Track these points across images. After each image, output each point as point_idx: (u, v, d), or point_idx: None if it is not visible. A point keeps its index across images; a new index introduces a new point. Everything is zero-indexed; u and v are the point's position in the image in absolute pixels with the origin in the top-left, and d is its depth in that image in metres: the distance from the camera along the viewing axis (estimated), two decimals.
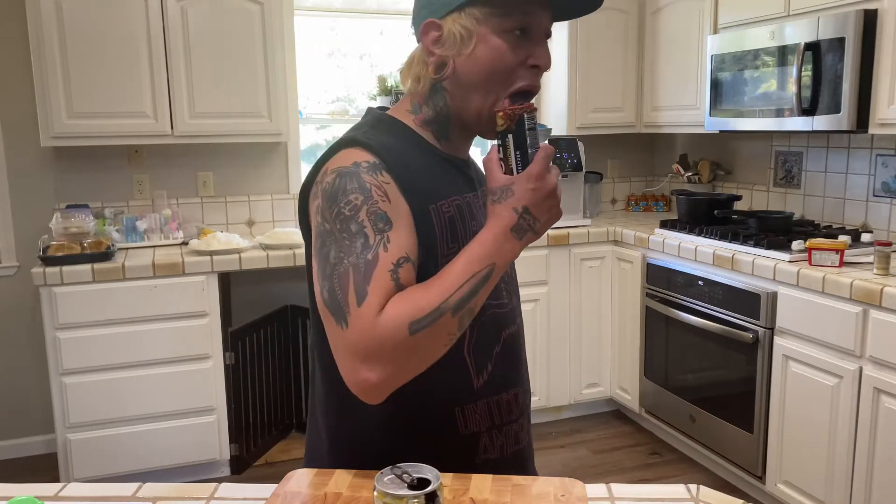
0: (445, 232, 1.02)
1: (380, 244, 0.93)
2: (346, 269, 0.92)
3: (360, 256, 0.92)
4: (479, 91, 1.02)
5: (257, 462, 3.21)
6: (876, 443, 2.24)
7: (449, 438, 1.04)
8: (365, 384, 0.90)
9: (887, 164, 2.83)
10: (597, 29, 3.60)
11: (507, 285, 1.13)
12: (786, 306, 2.51)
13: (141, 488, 1.02)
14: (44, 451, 3.33)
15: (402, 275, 0.93)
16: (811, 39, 2.57)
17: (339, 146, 1.01)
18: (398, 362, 0.89)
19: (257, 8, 3.07)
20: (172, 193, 3.39)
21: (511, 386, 1.11)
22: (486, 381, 1.07)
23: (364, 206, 0.94)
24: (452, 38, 1.00)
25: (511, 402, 1.11)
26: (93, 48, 2.89)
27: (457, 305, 0.90)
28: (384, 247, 0.93)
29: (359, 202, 0.94)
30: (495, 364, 1.08)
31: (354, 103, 3.82)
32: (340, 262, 0.93)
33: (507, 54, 1.00)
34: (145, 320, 2.83)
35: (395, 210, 0.96)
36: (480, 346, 1.07)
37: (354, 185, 0.95)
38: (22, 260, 3.22)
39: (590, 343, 3.52)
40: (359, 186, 0.95)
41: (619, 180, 4.18)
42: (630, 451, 3.30)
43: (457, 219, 1.04)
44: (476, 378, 1.06)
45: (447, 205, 1.03)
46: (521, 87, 1.02)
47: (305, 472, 1.00)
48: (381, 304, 0.90)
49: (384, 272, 0.91)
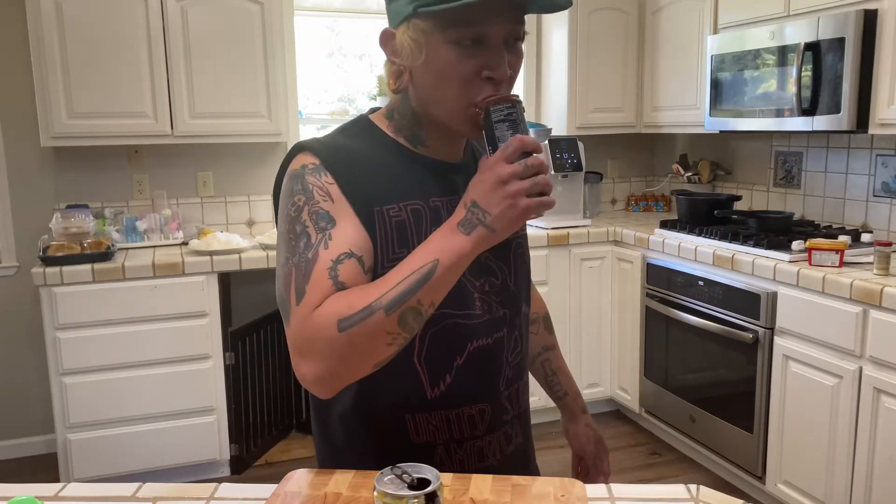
0: (390, 236, 0.99)
1: (320, 243, 0.94)
2: (290, 269, 0.95)
3: (302, 256, 0.94)
4: (438, 101, 0.99)
5: (257, 462, 3.21)
6: (876, 443, 2.24)
7: (400, 445, 1.04)
8: (303, 378, 0.93)
9: (887, 164, 2.83)
10: (597, 29, 3.60)
11: (485, 297, 1.08)
12: (786, 306, 2.51)
13: (141, 488, 1.02)
14: (44, 451, 3.33)
15: (343, 271, 0.93)
16: (811, 39, 2.57)
17: (294, 151, 1.04)
18: (332, 359, 0.90)
19: (257, 8, 3.07)
20: (172, 193, 3.39)
21: (477, 401, 1.07)
22: (442, 393, 1.04)
23: (306, 206, 0.96)
24: (404, 48, 0.98)
25: (475, 417, 1.07)
26: (93, 48, 2.89)
27: (391, 304, 0.88)
28: (325, 244, 0.94)
29: (301, 203, 0.97)
30: (456, 376, 1.05)
31: (354, 103, 3.82)
32: (286, 263, 0.96)
33: (457, 66, 0.95)
34: (145, 320, 2.83)
35: (339, 209, 0.97)
36: (435, 356, 1.03)
37: (299, 188, 0.98)
38: (22, 260, 3.22)
39: (590, 343, 3.52)
40: (302, 188, 0.98)
41: (619, 180, 4.18)
42: (630, 451, 3.30)
43: (408, 223, 1.01)
44: (430, 388, 1.04)
45: (397, 209, 1.00)
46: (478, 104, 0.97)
47: (305, 472, 1.00)
48: (318, 302, 0.91)
49: (323, 270, 0.92)
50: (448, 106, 0.98)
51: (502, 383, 1.10)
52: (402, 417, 1.04)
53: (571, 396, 1.39)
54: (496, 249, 1.09)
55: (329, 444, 1.12)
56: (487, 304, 1.08)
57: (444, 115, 1.00)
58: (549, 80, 3.79)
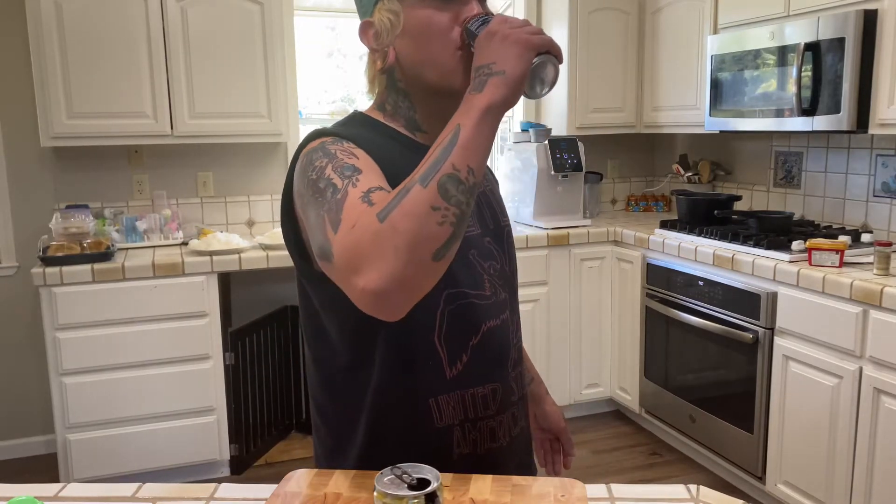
0: None
1: (347, 184, 0.91)
2: (322, 218, 0.90)
3: (331, 201, 0.90)
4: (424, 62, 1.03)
5: (257, 462, 3.21)
6: (876, 443, 2.24)
7: (425, 430, 1.05)
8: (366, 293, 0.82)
9: (887, 164, 2.83)
10: (597, 29, 3.60)
11: (492, 279, 1.11)
12: (786, 306, 2.51)
13: (141, 488, 1.02)
14: (44, 451, 3.33)
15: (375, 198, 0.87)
16: (811, 39, 2.57)
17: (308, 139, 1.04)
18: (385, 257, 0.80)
19: (257, 8, 3.07)
20: (172, 193, 3.39)
21: (488, 381, 1.09)
22: (459, 373, 1.06)
23: (329, 164, 0.95)
24: (384, 26, 1.03)
25: (488, 396, 1.09)
26: (93, 48, 2.89)
27: (424, 175, 0.83)
28: (353, 184, 0.91)
29: (323, 164, 0.95)
30: (471, 356, 1.07)
31: (354, 103, 3.82)
32: (319, 217, 0.91)
33: (434, 19, 1.01)
34: (145, 320, 2.83)
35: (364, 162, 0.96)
36: (453, 335, 1.05)
37: (319, 154, 0.97)
38: (22, 260, 3.22)
39: (590, 343, 3.52)
40: (323, 154, 0.97)
41: (619, 180, 4.18)
42: (630, 451, 3.30)
43: None
44: (448, 368, 1.05)
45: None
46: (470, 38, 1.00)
47: (305, 473, 1.00)
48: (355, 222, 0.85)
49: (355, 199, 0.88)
50: (436, 61, 1.02)
51: (510, 364, 1.13)
52: (427, 401, 1.04)
53: (536, 381, 1.40)
54: (494, 235, 1.14)
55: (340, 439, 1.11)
56: (493, 286, 1.11)
57: (435, 73, 1.03)
58: None
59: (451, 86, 1.02)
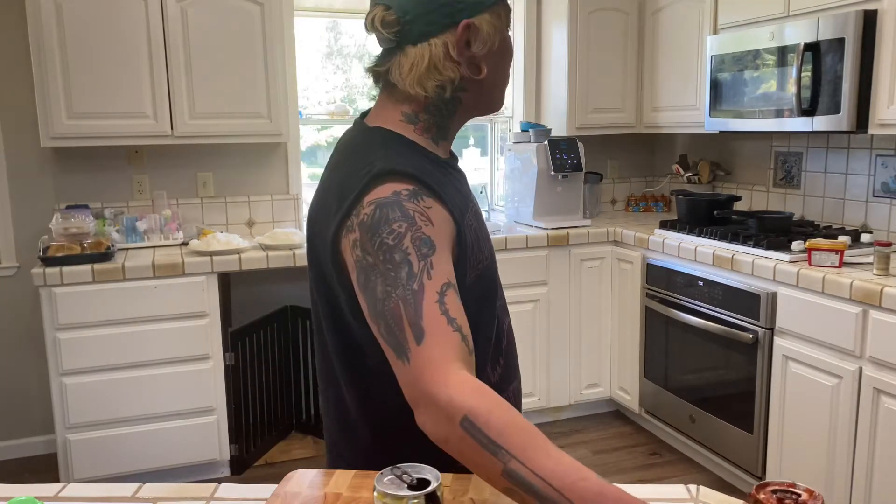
0: (474, 243, 1.03)
1: (423, 272, 0.91)
2: (395, 304, 0.90)
3: (407, 288, 0.90)
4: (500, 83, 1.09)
5: (257, 462, 3.21)
6: (876, 443, 2.24)
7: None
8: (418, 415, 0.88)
9: (887, 164, 2.83)
10: (597, 29, 3.60)
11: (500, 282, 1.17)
12: (786, 307, 2.51)
13: (141, 489, 1.02)
14: (44, 452, 3.33)
15: (449, 305, 0.90)
16: (811, 40, 2.58)
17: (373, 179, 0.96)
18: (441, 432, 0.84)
19: (257, 8, 3.07)
20: (172, 194, 3.39)
21: (515, 376, 1.16)
22: (500, 376, 1.10)
23: (408, 232, 0.92)
24: (486, 37, 1.02)
25: (517, 390, 1.16)
26: (93, 48, 2.89)
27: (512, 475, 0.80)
28: (427, 274, 0.91)
29: (402, 230, 0.92)
30: (505, 357, 1.12)
31: (354, 104, 3.83)
32: (388, 297, 0.90)
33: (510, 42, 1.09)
34: (145, 321, 2.83)
35: (439, 233, 0.95)
36: (497, 344, 1.10)
37: (397, 214, 0.93)
38: (22, 260, 3.22)
39: (590, 343, 3.52)
40: (402, 214, 0.93)
41: (619, 181, 4.18)
42: (630, 451, 3.30)
43: (478, 227, 1.06)
44: (492, 374, 1.09)
45: (470, 216, 1.04)
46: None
47: (305, 472, 1.00)
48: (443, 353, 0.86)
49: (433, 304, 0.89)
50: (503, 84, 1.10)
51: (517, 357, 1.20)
52: None
53: None
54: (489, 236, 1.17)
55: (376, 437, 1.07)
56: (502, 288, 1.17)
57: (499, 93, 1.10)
58: (549, 81, 3.79)
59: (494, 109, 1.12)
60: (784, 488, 0.87)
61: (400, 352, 0.89)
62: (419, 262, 0.91)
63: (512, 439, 0.80)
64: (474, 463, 0.83)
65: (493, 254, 1.12)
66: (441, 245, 0.94)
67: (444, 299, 0.90)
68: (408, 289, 0.89)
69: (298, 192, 3.56)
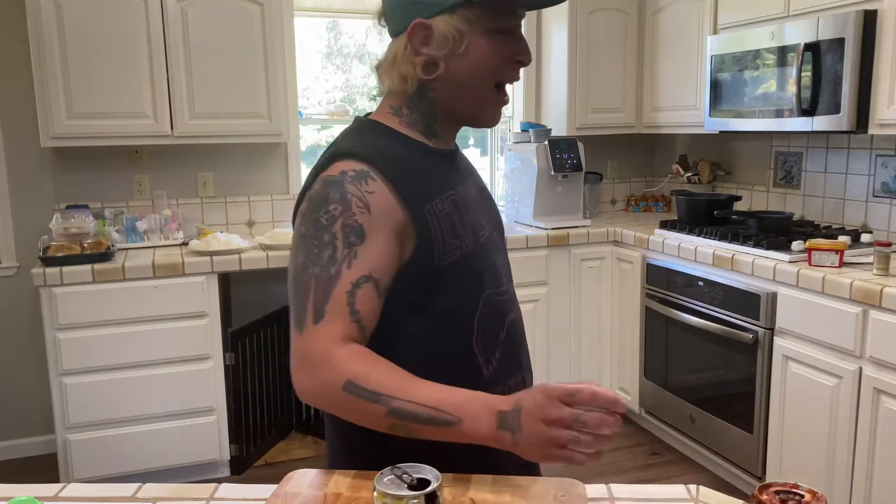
0: (444, 231, 1.03)
1: (344, 260, 0.96)
2: (309, 279, 0.96)
3: (325, 269, 0.96)
4: (469, 90, 1.04)
5: (257, 462, 3.21)
6: (876, 443, 2.24)
7: None
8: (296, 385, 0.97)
9: (887, 164, 2.83)
10: (597, 29, 3.60)
11: (505, 272, 1.15)
12: (785, 307, 2.51)
13: (141, 489, 1.02)
14: (44, 452, 3.33)
15: (360, 297, 0.96)
16: (811, 40, 2.57)
17: (331, 158, 1.02)
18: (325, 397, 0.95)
19: (257, 8, 3.07)
20: (172, 194, 3.39)
21: (517, 371, 1.14)
22: (494, 369, 1.09)
23: (341, 217, 0.96)
24: (444, 38, 1.01)
25: (519, 385, 1.12)
26: (93, 48, 2.89)
27: (396, 412, 0.92)
28: (348, 263, 0.96)
29: (337, 213, 0.97)
30: (502, 351, 1.10)
31: (354, 104, 3.83)
32: (305, 270, 0.97)
33: (497, 53, 1.03)
34: (145, 321, 2.83)
35: (376, 221, 0.97)
36: (487, 335, 1.09)
37: (336, 196, 0.97)
38: (22, 260, 3.22)
39: (590, 343, 3.52)
40: (340, 197, 0.97)
41: (619, 181, 4.18)
42: (630, 451, 3.30)
43: (454, 214, 1.05)
44: (485, 367, 1.08)
45: (442, 202, 1.04)
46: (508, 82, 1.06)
47: (305, 473, 1.00)
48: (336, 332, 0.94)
49: (342, 294, 0.95)
50: (480, 92, 1.05)
51: (524, 353, 1.18)
52: None
53: None
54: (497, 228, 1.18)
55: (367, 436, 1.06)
56: (506, 279, 1.16)
57: (473, 102, 1.06)
58: (549, 81, 3.79)
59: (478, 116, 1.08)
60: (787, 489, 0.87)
61: (298, 322, 0.97)
62: (343, 249, 0.96)
63: (390, 386, 0.93)
64: (358, 412, 0.94)
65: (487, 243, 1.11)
66: (374, 234, 0.97)
67: (356, 291, 0.96)
68: (325, 270, 0.96)
69: (298, 192, 3.56)
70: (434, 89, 1.05)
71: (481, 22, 1.00)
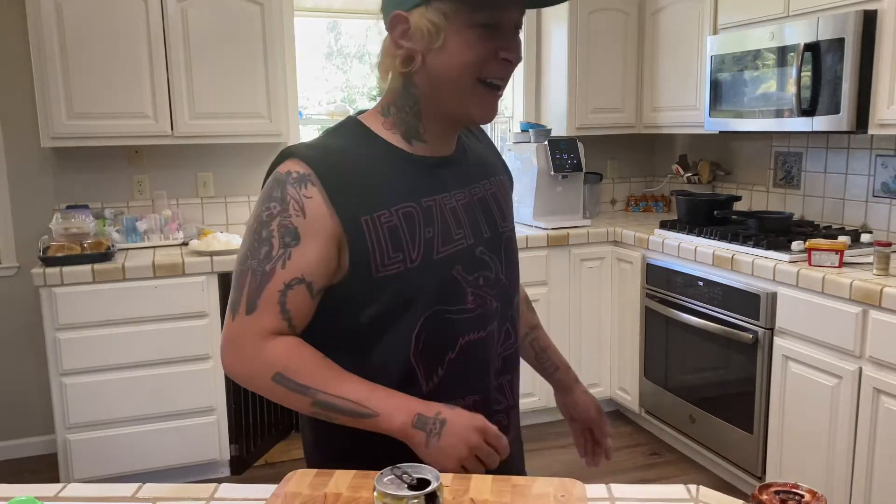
0: (382, 243, 1.01)
1: (279, 259, 1.00)
2: (246, 270, 1.02)
3: (261, 264, 1.00)
4: (449, 85, 1.02)
5: (257, 462, 3.21)
6: (876, 443, 2.24)
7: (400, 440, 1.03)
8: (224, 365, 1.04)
9: (887, 164, 2.83)
10: (597, 29, 3.60)
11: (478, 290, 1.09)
12: (785, 307, 2.51)
13: (141, 489, 1.02)
14: (44, 452, 3.33)
15: (291, 298, 1.00)
16: (811, 40, 2.57)
17: (283, 156, 1.05)
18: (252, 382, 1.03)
19: (257, 8, 3.07)
20: (172, 194, 3.39)
21: (469, 393, 1.10)
22: (435, 386, 1.07)
23: (278, 217, 1.00)
24: (420, 32, 0.99)
25: (468, 408, 1.05)
26: (93, 48, 2.89)
27: (320, 403, 1.00)
28: (283, 263, 0.99)
29: (275, 211, 1.00)
30: (448, 370, 1.07)
31: (354, 104, 3.83)
32: (245, 261, 1.02)
33: (477, 48, 0.99)
34: (145, 321, 2.83)
35: (310, 226, 1.00)
36: (429, 350, 1.06)
37: (277, 195, 1.01)
38: (22, 260, 3.22)
39: (590, 343, 3.52)
40: (280, 196, 1.01)
41: (619, 181, 4.18)
42: (630, 451, 3.30)
43: (401, 227, 1.02)
44: (424, 382, 1.07)
45: (389, 214, 1.02)
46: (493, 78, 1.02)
47: (305, 473, 1.00)
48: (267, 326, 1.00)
49: (274, 292, 1.00)
50: (461, 87, 1.01)
51: (492, 375, 1.13)
52: None
53: (563, 370, 1.39)
54: (490, 243, 1.12)
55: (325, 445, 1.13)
56: (481, 297, 1.10)
57: (455, 98, 1.03)
58: (549, 81, 3.79)
59: (464, 112, 1.05)
60: (787, 489, 0.87)
61: (232, 308, 1.03)
62: (279, 249, 1.00)
63: (317, 379, 1.00)
64: (284, 400, 1.02)
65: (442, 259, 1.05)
66: (309, 238, 1.00)
67: (287, 292, 1.00)
68: (261, 266, 1.00)
69: None
70: (417, 85, 1.04)
71: (459, 16, 0.98)
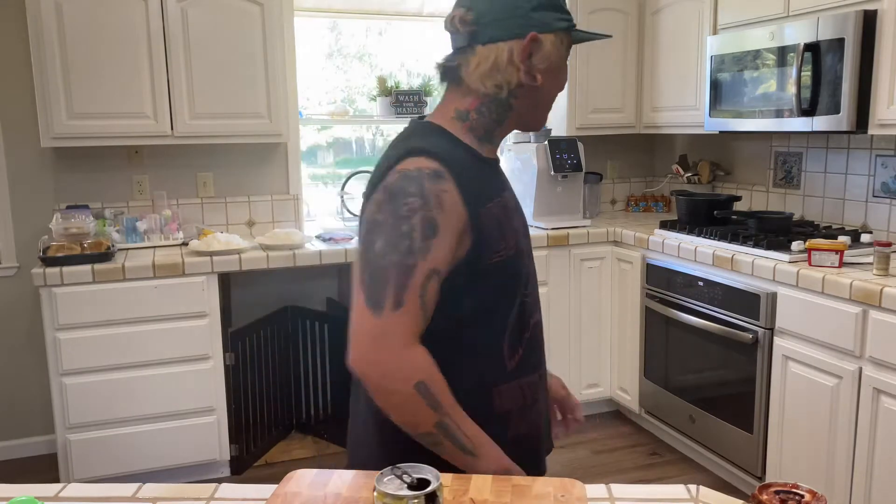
0: (495, 231, 1.12)
1: (421, 252, 1.03)
2: (389, 265, 1.02)
3: (405, 258, 1.02)
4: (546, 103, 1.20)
5: (257, 462, 3.21)
6: (875, 443, 2.24)
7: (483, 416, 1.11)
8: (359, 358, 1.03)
9: (887, 164, 2.83)
10: (597, 29, 3.59)
11: (533, 276, 1.25)
12: (785, 307, 2.51)
13: (141, 489, 1.02)
14: (44, 452, 3.33)
15: (429, 290, 1.04)
16: (811, 40, 2.58)
17: (406, 154, 1.09)
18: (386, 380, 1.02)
19: (257, 9, 3.07)
20: (172, 194, 3.39)
21: (536, 369, 1.22)
22: (517, 364, 1.17)
23: (420, 210, 1.03)
24: (547, 55, 1.14)
25: (536, 384, 1.21)
26: (93, 48, 2.89)
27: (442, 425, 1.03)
28: (424, 256, 1.03)
29: (416, 206, 1.04)
30: (525, 348, 1.19)
31: (354, 104, 3.82)
32: (385, 256, 1.03)
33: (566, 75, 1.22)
34: (145, 321, 2.83)
35: (447, 219, 1.05)
36: (514, 332, 1.17)
37: (415, 190, 1.05)
38: (22, 260, 3.22)
39: (590, 343, 3.52)
40: (419, 192, 1.04)
41: (619, 181, 4.18)
42: (630, 451, 3.30)
43: (501, 218, 1.14)
44: (509, 360, 1.16)
45: (493, 206, 1.13)
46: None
47: (305, 473, 1.00)
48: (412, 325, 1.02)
49: (417, 286, 1.03)
50: (549, 106, 1.21)
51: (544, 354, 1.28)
52: (490, 389, 1.15)
53: None
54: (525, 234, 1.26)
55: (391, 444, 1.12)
56: (533, 282, 1.25)
57: (545, 113, 1.21)
58: None
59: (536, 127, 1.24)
60: (787, 489, 0.87)
61: (376, 305, 1.02)
62: (421, 242, 1.03)
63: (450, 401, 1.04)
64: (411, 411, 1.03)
65: (524, 249, 1.21)
66: (444, 230, 1.05)
67: (427, 283, 1.04)
68: (405, 259, 1.02)
69: (298, 192, 3.56)
70: (518, 97, 1.16)
71: (566, 46, 1.17)
